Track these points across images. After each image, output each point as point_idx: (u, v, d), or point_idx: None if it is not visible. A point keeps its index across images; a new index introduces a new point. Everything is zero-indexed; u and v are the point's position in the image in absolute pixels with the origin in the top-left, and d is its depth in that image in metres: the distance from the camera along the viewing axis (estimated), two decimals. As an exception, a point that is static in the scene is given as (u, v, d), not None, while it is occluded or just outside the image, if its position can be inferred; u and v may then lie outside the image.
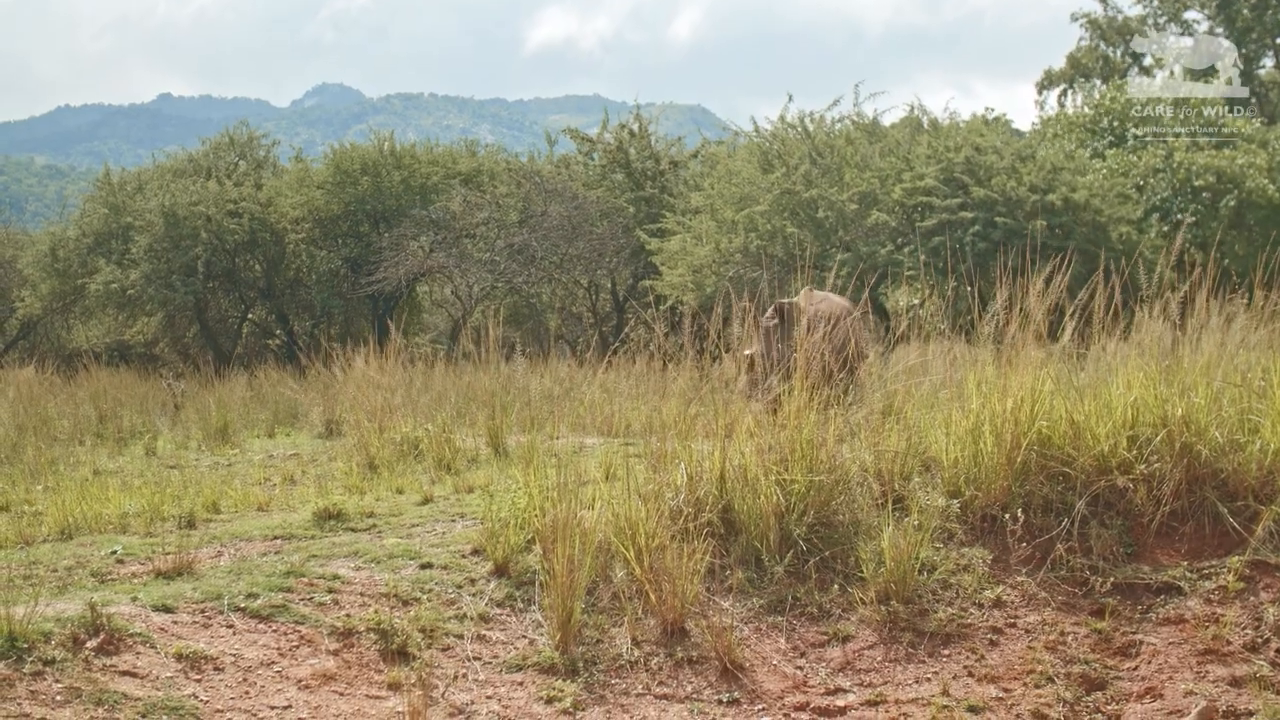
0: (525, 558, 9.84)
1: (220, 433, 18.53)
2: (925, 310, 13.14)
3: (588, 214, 32.12)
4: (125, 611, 8.68)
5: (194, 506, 12.25)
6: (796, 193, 25.78)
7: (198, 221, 34.65)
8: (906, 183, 24.89)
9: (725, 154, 32.35)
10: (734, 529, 10.00)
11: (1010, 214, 23.87)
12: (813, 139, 27.80)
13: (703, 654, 9.05)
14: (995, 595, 9.66)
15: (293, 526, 11.20)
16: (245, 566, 9.86)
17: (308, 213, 36.30)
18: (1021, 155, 25.67)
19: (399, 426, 14.92)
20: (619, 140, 36.93)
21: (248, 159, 41.46)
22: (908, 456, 10.65)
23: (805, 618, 9.50)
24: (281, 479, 14.36)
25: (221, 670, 8.34)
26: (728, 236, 26.27)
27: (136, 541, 11.00)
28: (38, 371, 25.72)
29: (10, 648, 7.88)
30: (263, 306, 38.77)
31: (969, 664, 9.08)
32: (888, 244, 24.56)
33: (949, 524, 10.21)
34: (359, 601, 9.28)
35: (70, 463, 16.31)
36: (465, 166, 37.84)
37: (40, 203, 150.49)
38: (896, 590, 9.49)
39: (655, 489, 9.94)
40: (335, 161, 37.16)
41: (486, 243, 32.40)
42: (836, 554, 9.88)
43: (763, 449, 10.12)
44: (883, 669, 9.08)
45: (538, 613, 9.36)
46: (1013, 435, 10.22)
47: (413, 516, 11.39)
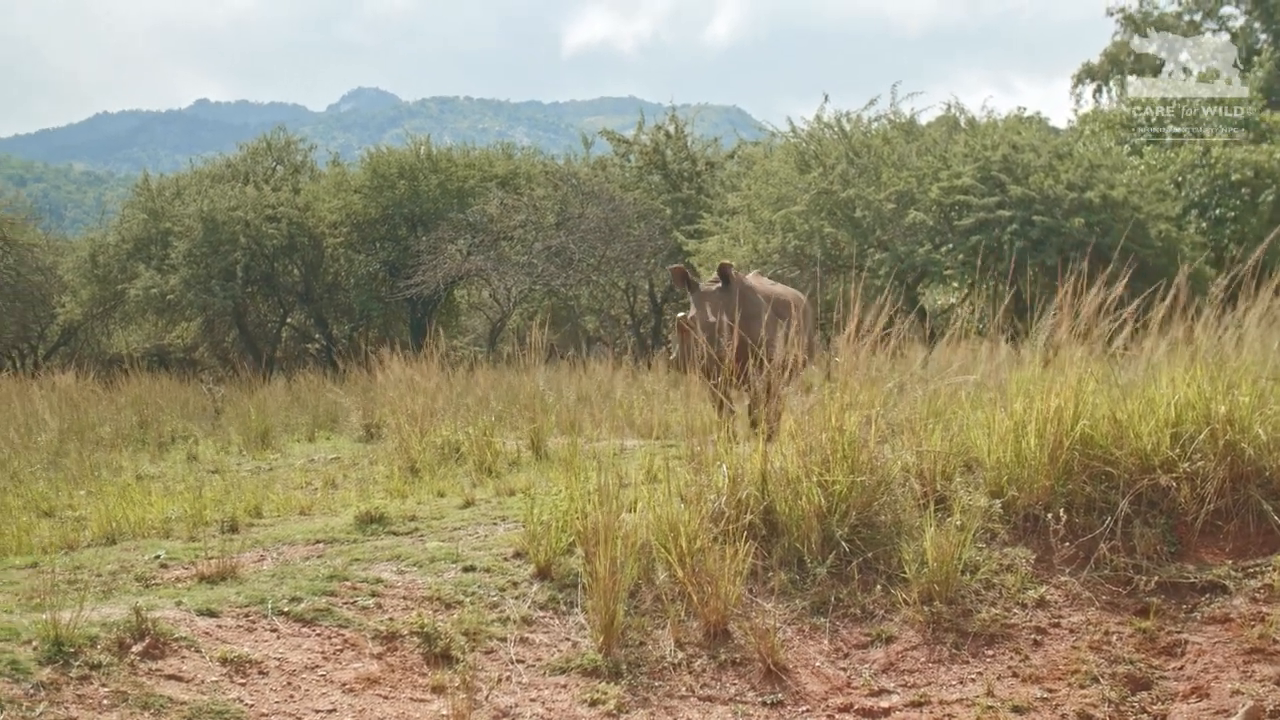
0: (567, 560, 9.83)
1: (261, 437, 18.57)
2: (964, 309, 13.07)
3: (625, 216, 32.11)
4: (170, 616, 8.70)
5: (236, 511, 12.29)
6: (834, 193, 25.75)
7: (236, 226, 34.76)
8: (944, 181, 24.83)
9: (762, 154, 32.31)
10: (776, 530, 9.99)
11: (1048, 212, 23.79)
12: (850, 139, 27.76)
13: (746, 656, 9.04)
14: (1039, 595, 9.63)
15: (335, 530, 11.22)
16: (288, 570, 9.89)
17: (345, 217, 36.38)
18: (1059, 153, 25.58)
19: (440, 430, 14.94)
20: (655, 142, 36.93)
21: (285, 164, 41.58)
22: (950, 456, 10.62)
23: (848, 619, 9.48)
24: (323, 483, 14.39)
25: (266, 674, 8.36)
26: (765, 237, 26.25)
27: (180, 546, 11.03)
28: (78, 377, 25.77)
29: (57, 652, 7.91)
30: (301, 310, 38.85)
31: (1013, 664, 9.05)
32: (925, 243, 24.50)
33: (992, 524, 10.18)
34: (402, 605, 9.29)
35: (112, 468, 16.36)
36: (502, 169, 37.88)
37: (79, 209, 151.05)
38: (939, 591, 9.46)
39: (697, 491, 9.92)
40: (372, 165, 37.25)
41: (524, 245, 32.44)
42: (879, 555, 9.85)
43: (804, 450, 10.10)
44: (926, 670, 9.05)
45: (580, 615, 9.36)
46: (1055, 434, 10.19)
47: (454, 520, 11.40)
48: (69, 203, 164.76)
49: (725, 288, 14.66)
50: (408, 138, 39.45)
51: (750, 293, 14.88)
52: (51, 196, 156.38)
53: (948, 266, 24.82)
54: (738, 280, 14.84)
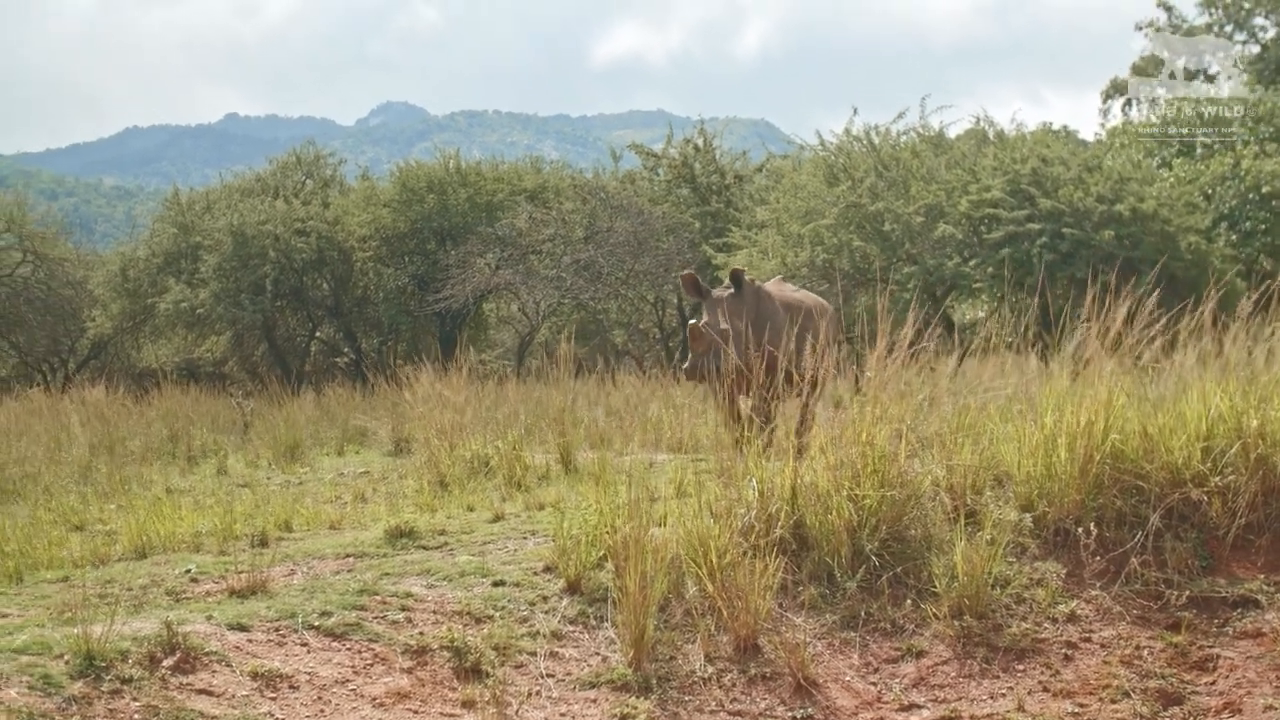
0: (597, 575, 9.83)
1: (290, 451, 18.60)
2: (993, 322, 13.00)
3: (653, 229, 32.12)
4: (201, 630, 8.73)
5: (266, 525, 12.31)
6: (863, 206, 25.72)
7: (266, 240, 34.81)
8: (973, 195, 24.77)
9: (791, 168, 32.28)
10: (806, 545, 9.98)
11: (1078, 225, 23.72)
12: (878, 152, 27.73)
13: (776, 670, 9.03)
14: (1069, 609, 9.61)
15: (365, 544, 11.24)
16: (318, 585, 9.90)
17: (375, 231, 36.43)
18: (1088, 165, 25.50)
19: (469, 444, 14.94)
20: (684, 155, 36.96)
21: (314, 178, 41.66)
22: (980, 470, 10.60)
23: (878, 633, 9.47)
24: (352, 497, 14.41)
25: (297, 689, 8.37)
26: (794, 250, 26.23)
27: (210, 560, 11.06)
28: (109, 391, 25.85)
29: (88, 666, 7.94)
30: (330, 324, 38.90)
31: (1044, 679, 9.03)
32: (955, 256, 24.46)
33: (1022, 538, 10.16)
34: (432, 619, 9.30)
35: (142, 482, 16.41)
36: (531, 183, 37.90)
37: (110, 223, 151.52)
38: (970, 605, 9.44)
39: (726, 505, 9.92)
40: (401, 179, 37.31)
41: (553, 259, 32.45)
42: (909, 569, 9.84)
43: (834, 464, 10.09)
44: (957, 684, 9.04)
45: (610, 630, 9.36)
46: (1086, 448, 10.17)
47: (484, 534, 11.41)
48: (99, 217, 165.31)
49: (737, 294, 14.52)
50: (437, 151, 39.47)
51: (766, 300, 14.76)
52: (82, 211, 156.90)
53: (977, 280, 24.77)
54: (751, 287, 14.72)
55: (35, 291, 38.74)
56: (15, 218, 38.75)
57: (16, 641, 8.30)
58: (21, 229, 38.89)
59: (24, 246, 39.14)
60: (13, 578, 10.92)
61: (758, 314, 14.48)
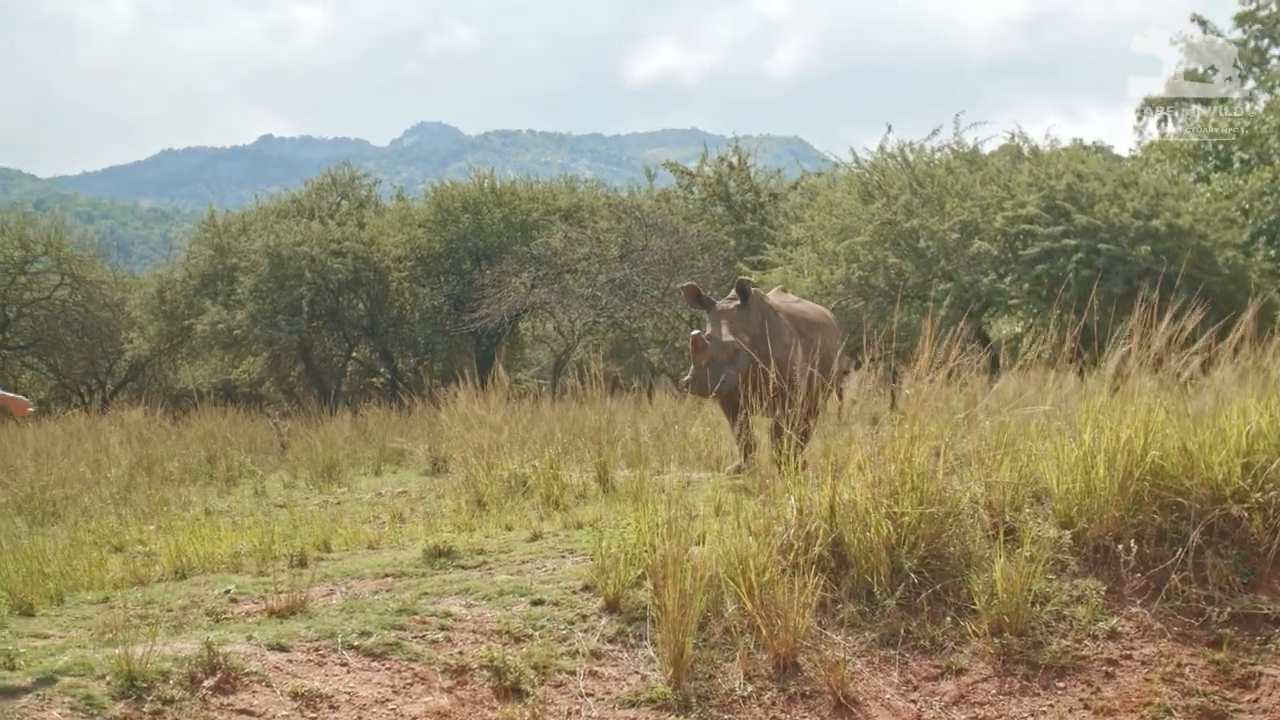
0: (636, 593, 9.83)
1: (327, 471, 18.63)
2: (1029, 339, 12.93)
3: (688, 247, 32.12)
4: (241, 650, 8.75)
5: (305, 545, 12.34)
6: (897, 223, 25.70)
7: (302, 261, 34.92)
8: (1008, 211, 24.74)
9: (825, 185, 32.27)
10: (844, 562, 9.96)
11: (1114, 240, 23.66)
12: (913, 169, 27.70)
13: (815, 688, 9.02)
14: (1110, 627, 9.57)
15: (403, 564, 11.24)
16: (357, 605, 9.92)
17: (410, 251, 36.51)
18: (1124, 181, 25.45)
19: (506, 463, 14.94)
20: (718, 173, 36.97)
21: (350, 198, 41.78)
22: (1019, 487, 10.57)
23: (918, 651, 9.45)
24: (390, 517, 14.42)
25: (337, 709, 8.39)
26: (829, 268, 26.21)
27: (249, 580, 11.09)
28: (146, 412, 25.96)
29: (130, 687, 7.97)
30: (366, 344, 38.99)
31: (1085, 697, 9.00)
32: (990, 273, 24.42)
33: (1061, 555, 10.13)
34: (471, 639, 9.31)
35: (181, 503, 16.46)
36: (565, 202, 37.96)
37: (146, 245, 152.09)
38: (1010, 622, 9.42)
39: (765, 523, 9.92)
40: (436, 199, 37.40)
41: (588, 278, 32.48)
42: (948, 586, 9.82)
43: (873, 482, 10.07)
44: (997, 702, 9.01)
45: (650, 648, 9.35)
46: (1125, 465, 10.13)
47: (522, 553, 11.41)
48: (136, 239, 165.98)
49: (743, 306, 14.47)
50: (471, 171, 39.57)
51: (771, 312, 14.70)
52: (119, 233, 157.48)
53: (1013, 296, 24.73)
54: (757, 299, 14.68)
55: (73, 314, 38.88)
56: (53, 241, 38.90)
57: (58, 662, 8.34)
58: (59, 252, 39.04)
59: (62, 269, 39.29)
60: (53, 599, 10.95)
61: (764, 327, 14.43)
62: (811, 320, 15.21)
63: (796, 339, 14.33)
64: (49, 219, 41.30)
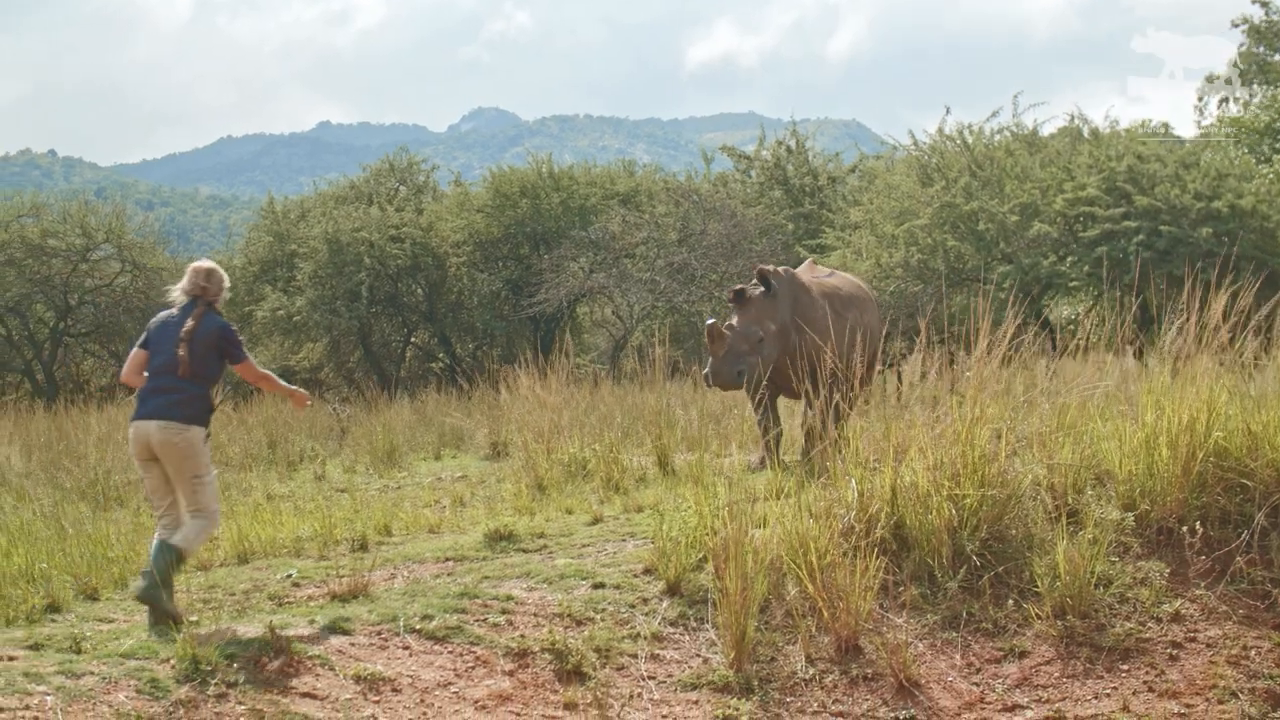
0: (697, 576, 9.84)
1: (387, 456, 18.68)
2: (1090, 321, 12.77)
3: (746, 231, 31.99)
4: (303, 634, 8.80)
5: (366, 529, 12.39)
6: (956, 205, 25.57)
7: (361, 247, 34.94)
8: (1068, 193, 24.58)
9: (884, 168, 32.12)
10: (906, 545, 9.94)
11: (1175, 222, 23.48)
12: (972, 151, 27.56)
13: (877, 671, 9.01)
14: (1174, 609, 9.53)
15: (464, 548, 11.28)
16: (419, 588, 9.96)
17: (468, 236, 36.50)
18: (1185, 162, 25.24)
19: (566, 447, 14.96)
20: (776, 157, 36.82)
21: (408, 184, 41.77)
22: (1080, 469, 10.53)
23: (980, 633, 9.43)
24: (451, 501, 14.46)
25: (399, 692, 8.43)
26: (888, 251, 26.10)
27: (311, 565, 11.15)
28: (207, 398, 26.03)
29: (194, 670, 8.02)
30: (425, 330, 38.98)
31: (1149, 679, 8.96)
32: (1050, 255, 24.27)
33: (1124, 537, 10.09)
34: (532, 622, 9.33)
35: (242, 488, 16.54)
36: (623, 187, 37.87)
37: (205, 232, 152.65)
38: (1072, 605, 9.38)
39: (826, 506, 9.90)
40: (494, 185, 37.36)
41: (646, 262, 32.42)
42: (1010, 569, 9.79)
43: (934, 465, 10.04)
44: (1060, 685, 8.98)
45: (711, 631, 9.36)
46: (1188, 446, 10.08)
47: (583, 537, 11.43)
48: (195, 226, 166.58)
49: (767, 294, 14.20)
50: (529, 157, 39.53)
51: (803, 293, 14.45)
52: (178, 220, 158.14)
53: (1073, 278, 24.59)
54: (786, 282, 14.43)
55: (134, 300, 38.99)
56: (114, 228, 39.04)
57: (123, 646, 8.41)
58: (120, 239, 39.17)
59: (123, 256, 39.41)
60: (117, 583, 11.04)
61: (792, 312, 14.24)
62: (846, 295, 14.98)
63: (835, 318, 14.20)
64: (110, 207, 41.42)
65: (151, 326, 9.94)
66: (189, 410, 9.63)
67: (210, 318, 9.83)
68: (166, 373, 9.63)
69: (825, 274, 15.50)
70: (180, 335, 9.65)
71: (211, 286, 9.95)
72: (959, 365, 11.59)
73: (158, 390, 9.64)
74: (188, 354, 9.61)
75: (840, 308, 14.59)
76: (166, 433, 9.53)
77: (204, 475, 9.68)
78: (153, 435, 9.55)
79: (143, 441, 9.61)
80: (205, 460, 9.72)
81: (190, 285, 9.93)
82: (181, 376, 9.60)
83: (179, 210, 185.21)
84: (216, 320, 9.87)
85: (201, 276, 9.96)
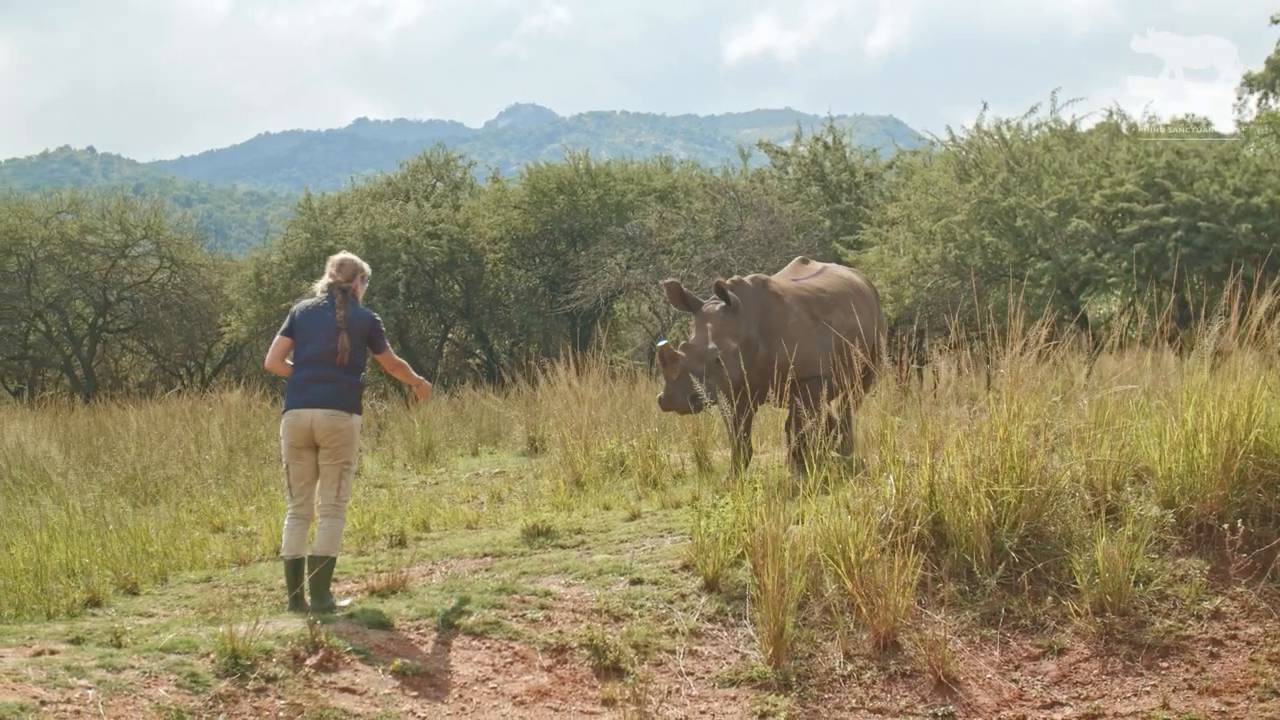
0: (735, 572, 9.84)
1: (425, 452, 18.71)
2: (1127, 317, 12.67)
3: (784, 228, 31.94)
4: (342, 629, 8.83)
5: (404, 525, 12.45)
6: (994, 201, 25.48)
7: (398, 244, 35.01)
8: (1106, 189, 24.47)
9: (921, 164, 32.06)
10: (944, 541, 9.93)
11: (1214, 218, 23.35)
12: (1010, 147, 27.47)
13: (915, 668, 9.00)
14: (1214, 606, 9.49)
15: (502, 544, 11.31)
16: (457, 584, 10.00)
17: (505, 232, 36.55)
18: (1224, 158, 25.12)
19: (604, 443, 14.98)
20: (813, 153, 36.74)
21: (445, 181, 41.84)
22: (1119, 466, 10.49)
23: (1018, 630, 9.41)
24: (489, 497, 14.49)
25: (438, 687, 8.45)
26: (925, 247, 26.03)
27: (350, 560, 11.19)
28: (245, 394, 26.13)
29: (234, 665, 8.06)
30: (462, 326, 39.07)
31: (1189, 677, 8.93)
32: (1088, 251, 24.17)
33: (1164, 534, 10.05)
34: (570, 618, 9.35)
35: (280, 484, 16.59)
36: (660, 183, 37.88)
37: (243, 228, 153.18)
38: (1112, 602, 9.36)
39: (864, 502, 9.90)
40: (531, 181, 37.41)
41: (683, 258, 32.38)
42: (1049, 565, 9.77)
43: (972, 461, 10.02)
44: (1099, 682, 8.96)
45: (749, 627, 9.36)
46: (1229, 443, 10.04)
47: (621, 532, 11.45)
48: (233, 222, 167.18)
49: (727, 308, 13.36)
50: (565, 153, 39.56)
51: (773, 302, 13.69)
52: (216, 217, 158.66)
53: (1111, 275, 24.48)
54: (752, 292, 13.63)
55: (172, 296, 39.25)
56: (152, 225, 39.26)
57: (163, 640, 8.45)
58: (158, 236, 39.40)
59: (161, 253, 39.65)
60: (157, 578, 11.11)
61: (759, 325, 13.49)
62: (831, 296, 14.23)
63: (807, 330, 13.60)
64: (148, 203, 41.65)
65: (295, 314, 10.19)
66: (351, 398, 9.94)
67: (357, 308, 10.16)
68: (323, 362, 9.89)
69: (812, 273, 14.79)
70: (337, 323, 9.92)
71: (341, 275, 10.28)
72: (995, 361, 11.55)
73: (318, 379, 9.87)
74: (347, 343, 9.86)
75: (820, 311, 13.94)
76: (335, 420, 9.79)
77: (353, 463, 9.99)
78: (319, 423, 9.78)
79: (304, 429, 9.82)
80: (357, 449, 10.01)
81: (334, 275, 10.31)
82: (339, 365, 9.86)
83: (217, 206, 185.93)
84: (364, 311, 10.19)
85: (334, 266, 10.37)
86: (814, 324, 13.71)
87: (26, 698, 7.32)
